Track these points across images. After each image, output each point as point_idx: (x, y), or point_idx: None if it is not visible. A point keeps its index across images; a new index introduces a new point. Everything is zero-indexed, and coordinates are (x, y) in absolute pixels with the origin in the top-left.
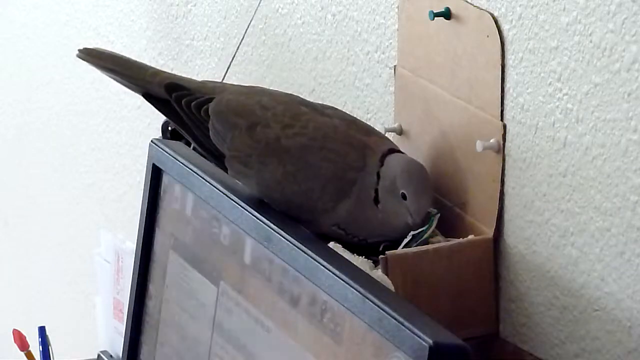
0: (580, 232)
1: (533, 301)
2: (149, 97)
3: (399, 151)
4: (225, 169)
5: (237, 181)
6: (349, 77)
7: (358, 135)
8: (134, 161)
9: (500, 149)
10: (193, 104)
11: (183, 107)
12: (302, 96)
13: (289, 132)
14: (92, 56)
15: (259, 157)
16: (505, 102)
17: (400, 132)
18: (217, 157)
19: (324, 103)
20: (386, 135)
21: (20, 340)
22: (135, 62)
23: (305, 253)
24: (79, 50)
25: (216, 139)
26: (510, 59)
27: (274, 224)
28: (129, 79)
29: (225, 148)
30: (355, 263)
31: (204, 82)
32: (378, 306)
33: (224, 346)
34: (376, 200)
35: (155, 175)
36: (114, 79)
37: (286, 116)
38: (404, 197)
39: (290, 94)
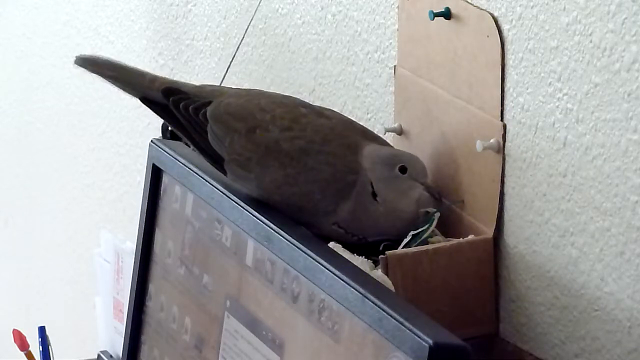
0: (580, 232)
1: (533, 301)
2: (147, 101)
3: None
4: (224, 173)
5: (236, 184)
6: (349, 77)
7: (354, 136)
8: (134, 161)
9: (500, 149)
10: (191, 107)
11: (181, 110)
12: (302, 96)
13: (288, 135)
14: (89, 63)
15: (259, 161)
16: (505, 102)
17: (400, 132)
18: (216, 161)
19: (324, 103)
20: (386, 135)
21: (20, 340)
22: (133, 68)
23: (305, 253)
24: (76, 57)
25: (215, 143)
26: (510, 59)
27: (274, 224)
28: (127, 84)
29: (224, 151)
30: (355, 263)
31: (201, 86)
32: (378, 306)
33: (225, 346)
34: (374, 194)
35: (155, 175)
36: (112, 84)
37: (285, 119)
38: (403, 170)
39: (289, 96)
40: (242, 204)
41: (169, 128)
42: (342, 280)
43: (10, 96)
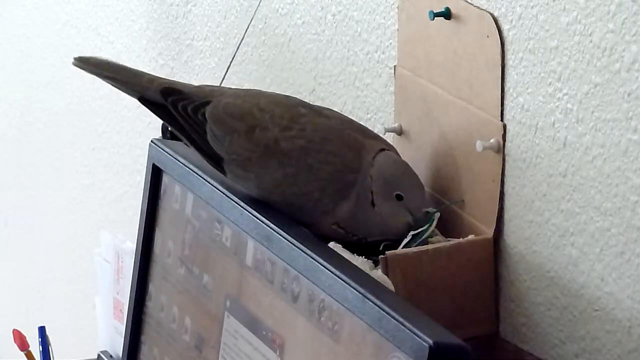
0: (580, 232)
1: (533, 301)
2: (145, 101)
3: (390, 149)
4: (223, 173)
5: (236, 184)
6: (349, 77)
7: (354, 135)
8: (134, 161)
9: (500, 149)
10: (190, 107)
11: (180, 111)
12: (302, 96)
13: (288, 134)
14: (88, 64)
15: (259, 160)
16: (505, 102)
17: (400, 132)
18: (215, 161)
19: (324, 103)
20: (386, 135)
21: (20, 340)
22: (131, 69)
23: (305, 253)
24: (75, 59)
25: (214, 143)
26: (510, 59)
27: (274, 224)
28: (125, 85)
29: (223, 151)
30: (355, 263)
31: (200, 86)
32: (378, 306)
33: (225, 346)
34: (373, 203)
35: (155, 175)
36: (111, 84)
37: (284, 118)
38: (399, 197)
39: (288, 96)
40: (242, 204)
41: (169, 128)
42: (342, 280)
43: (10, 96)
